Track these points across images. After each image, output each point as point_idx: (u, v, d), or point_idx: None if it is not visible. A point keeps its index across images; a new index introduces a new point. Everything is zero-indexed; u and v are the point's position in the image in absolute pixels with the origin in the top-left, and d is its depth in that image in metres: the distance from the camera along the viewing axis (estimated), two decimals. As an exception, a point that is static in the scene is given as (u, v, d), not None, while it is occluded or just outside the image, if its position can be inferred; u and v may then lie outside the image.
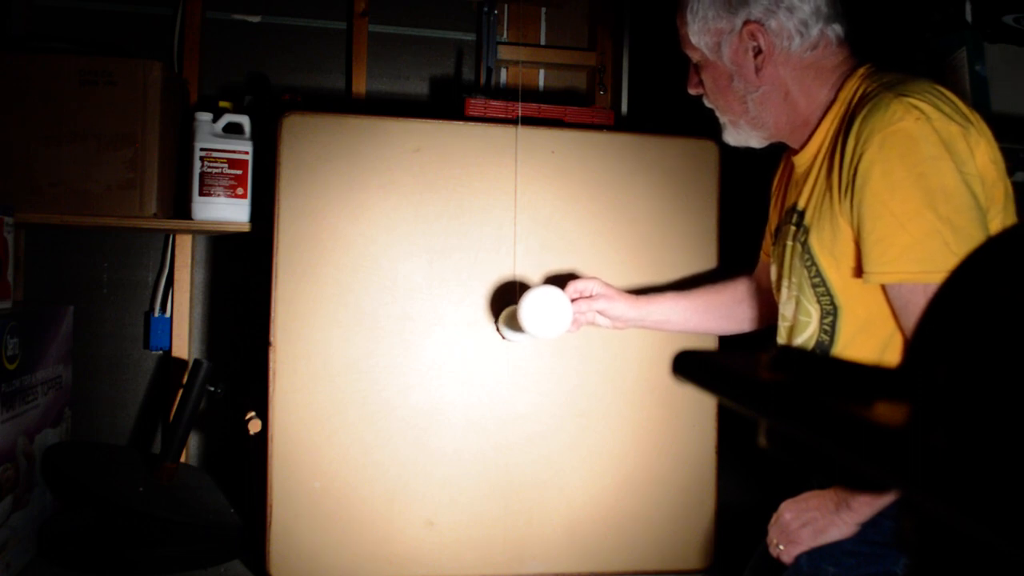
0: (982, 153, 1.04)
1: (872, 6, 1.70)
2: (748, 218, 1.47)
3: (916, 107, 1.01)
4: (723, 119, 1.26)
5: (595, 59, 2.10)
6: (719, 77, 1.22)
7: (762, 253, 1.42)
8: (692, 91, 1.29)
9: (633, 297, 1.41)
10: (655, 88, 1.99)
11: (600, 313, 1.39)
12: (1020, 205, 1.14)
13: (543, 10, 2.15)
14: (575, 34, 2.17)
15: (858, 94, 1.11)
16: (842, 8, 1.18)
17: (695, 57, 1.25)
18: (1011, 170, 1.51)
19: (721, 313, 1.42)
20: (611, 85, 2.08)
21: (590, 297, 1.39)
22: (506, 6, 2.11)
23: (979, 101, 1.46)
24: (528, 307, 1.36)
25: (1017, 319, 0.31)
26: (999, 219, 1.06)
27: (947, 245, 0.98)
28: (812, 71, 1.17)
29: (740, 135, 1.25)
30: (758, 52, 1.17)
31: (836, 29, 1.17)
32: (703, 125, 1.31)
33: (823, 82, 1.17)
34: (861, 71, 1.15)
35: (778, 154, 1.32)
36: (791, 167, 1.26)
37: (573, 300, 1.38)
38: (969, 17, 1.57)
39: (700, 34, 1.21)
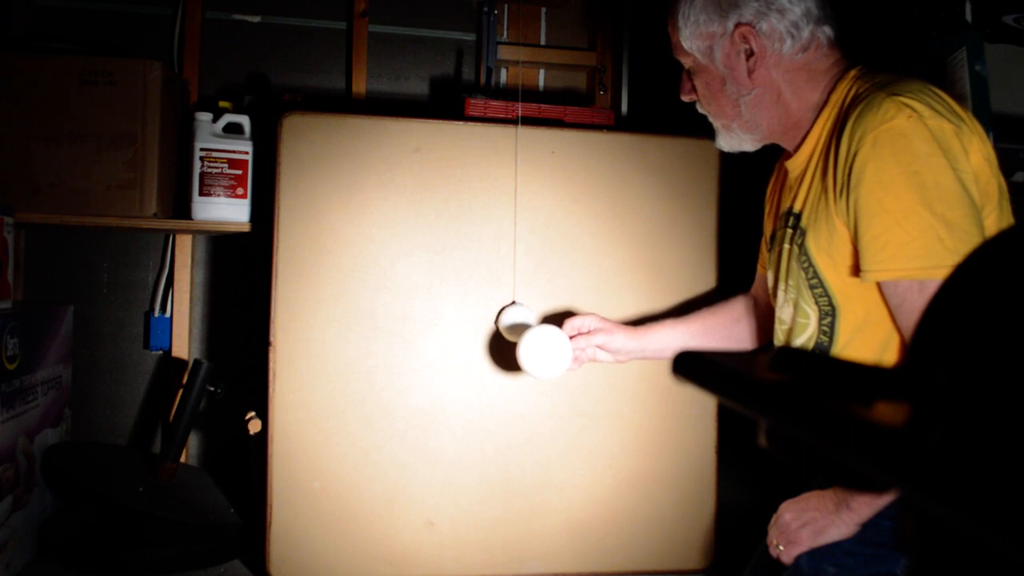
0: (975, 150, 1.04)
1: (871, 7, 1.70)
2: (748, 219, 1.47)
3: (908, 105, 1.02)
4: (716, 124, 1.26)
5: (595, 59, 2.10)
6: (712, 81, 1.22)
7: (759, 266, 1.41)
8: (685, 98, 1.29)
9: (631, 328, 1.40)
10: (655, 88, 1.99)
11: (600, 348, 1.38)
12: (1019, 204, 1.15)
13: (543, 10, 2.15)
14: (575, 34, 2.17)
15: (850, 95, 1.12)
16: (832, 11, 1.19)
17: (687, 63, 1.25)
18: (1011, 170, 1.51)
19: (720, 334, 1.41)
20: (611, 85, 2.08)
21: (588, 333, 1.37)
22: (506, 6, 2.11)
23: (979, 101, 1.46)
24: (527, 348, 1.34)
25: (1017, 319, 0.31)
26: (994, 216, 1.06)
27: (942, 241, 0.98)
28: (804, 73, 1.18)
29: (733, 139, 1.25)
30: (750, 55, 1.17)
31: (827, 31, 1.17)
32: (703, 125, 1.31)
33: (815, 84, 1.17)
34: (852, 73, 1.15)
35: (776, 154, 1.32)
36: (784, 173, 1.27)
37: (571, 337, 1.36)
38: (969, 17, 1.57)
39: (692, 39, 1.21)
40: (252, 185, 1.77)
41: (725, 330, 1.41)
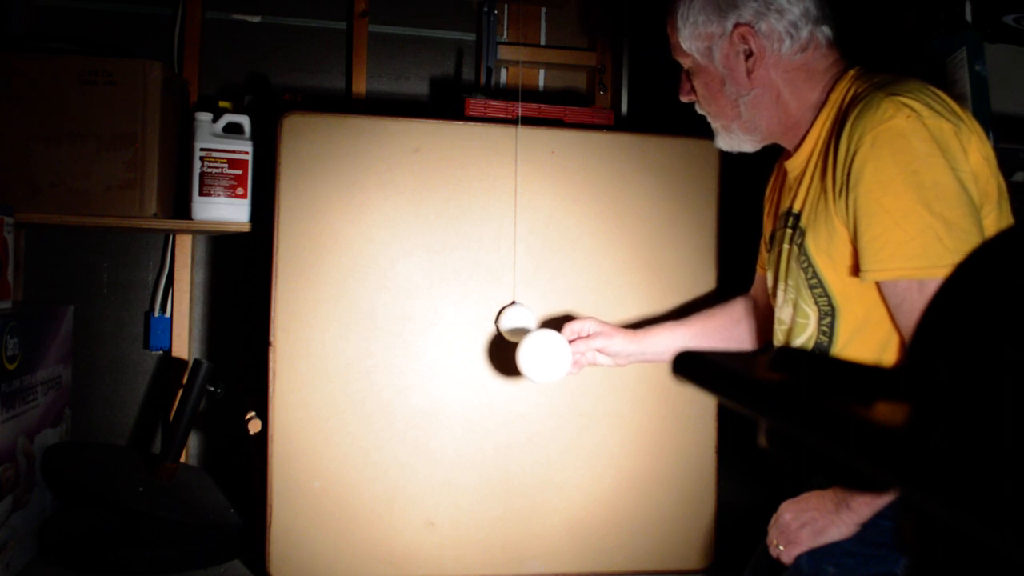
0: (974, 150, 1.04)
1: (870, 7, 1.70)
2: (748, 219, 1.47)
3: (907, 105, 1.02)
4: (715, 124, 1.26)
5: (595, 59, 2.10)
6: (711, 82, 1.22)
7: (758, 267, 1.41)
8: (684, 98, 1.29)
9: (631, 331, 1.40)
10: (655, 88, 1.99)
11: (600, 351, 1.38)
12: (1019, 204, 1.15)
13: (543, 10, 2.15)
14: (575, 34, 2.17)
15: (849, 95, 1.12)
16: (831, 11, 1.19)
17: (686, 63, 1.25)
18: (1011, 170, 1.51)
19: (720, 336, 1.41)
20: (611, 85, 2.08)
21: (587, 336, 1.37)
22: (506, 6, 2.11)
23: (979, 101, 1.46)
24: (527, 353, 1.34)
25: (1017, 319, 0.31)
26: (993, 216, 1.06)
27: (941, 241, 0.98)
28: (803, 73, 1.18)
29: (732, 140, 1.25)
30: (749, 55, 1.17)
31: (825, 31, 1.18)
32: (703, 125, 1.31)
33: (814, 84, 1.17)
34: (851, 73, 1.16)
35: (776, 154, 1.32)
36: (784, 173, 1.27)
37: (571, 341, 1.36)
38: (969, 17, 1.57)
39: (691, 39, 1.21)
40: (252, 185, 1.77)
41: (725, 331, 1.41)
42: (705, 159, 1.60)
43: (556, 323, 1.42)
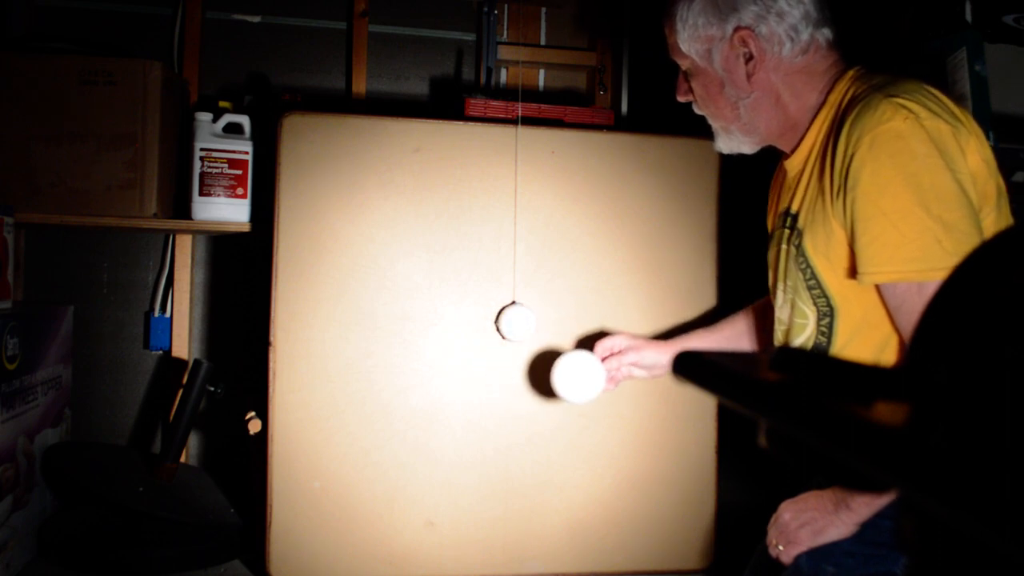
0: (973, 151, 1.04)
1: (867, 8, 1.70)
2: (748, 219, 1.47)
3: (905, 107, 1.02)
4: (715, 126, 1.26)
5: (595, 59, 2.10)
6: (710, 84, 1.22)
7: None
8: (681, 99, 1.29)
9: (661, 343, 1.41)
10: (655, 88, 1.99)
11: (633, 365, 1.39)
12: (1019, 204, 1.15)
13: (543, 10, 2.15)
14: (575, 34, 2.17)
15: (847, 96, 1.12)
16: (830, 13, 1.18)
17: (684, 65, 1.25)
18: (1011, 170, 1.51)
19: (749, 339, 1.40)
20: (611, 85, 2.08)
21: (619, 353, 1.39)
22: (506, 6, 2.11)
23: (979, 101, 1.46)
24: (562, 375, 1.37)
25: (1017, 319, 0.31)
26: (992, 216, 1.06)
27: (939, 243, 0.98)
28: (803, 75, 1.17)
29: (732, 142, 1.25)
30: (749, 58, 1.17)
31: (825, 33, 1.17)
32: (702, 125, 1.31)
33: (813, 86, 1.17)
34: (850, 74, 1.15)
35: (776, 154, 1.32)
36: (784, 172, 1.27)
37: (603, 359, 1.38)
38: (969, 17, 1.57)
39: (690, 42, 1.21)
40: (252, 185, 1.77)
41: (755, 334, 1.40)
42: (705, 159, 1.60)
43: (589, 341, 1.44)
